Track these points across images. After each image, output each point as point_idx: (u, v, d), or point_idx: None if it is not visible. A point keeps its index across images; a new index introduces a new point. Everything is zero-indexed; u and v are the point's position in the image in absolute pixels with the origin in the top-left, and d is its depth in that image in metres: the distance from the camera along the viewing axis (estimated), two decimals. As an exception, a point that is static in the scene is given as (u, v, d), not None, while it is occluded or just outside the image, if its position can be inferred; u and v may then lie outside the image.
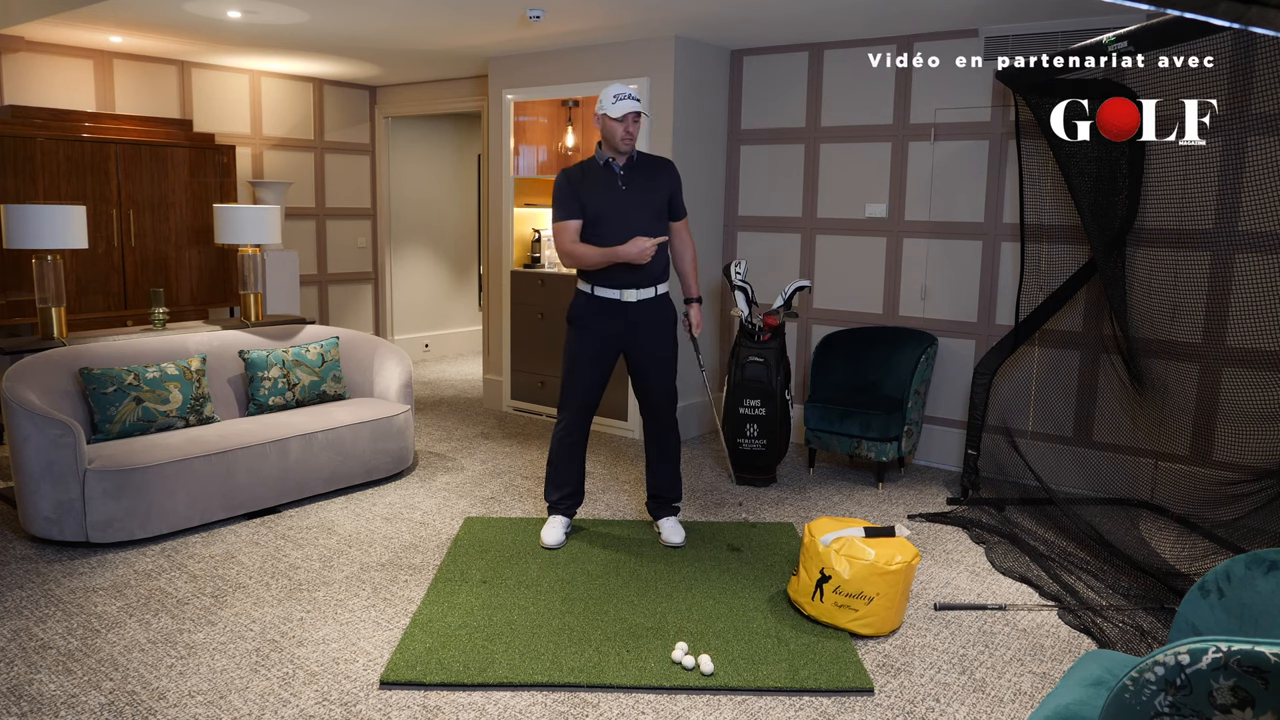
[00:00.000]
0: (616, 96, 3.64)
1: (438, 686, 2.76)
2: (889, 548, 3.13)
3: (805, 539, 3.27)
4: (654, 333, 3.81)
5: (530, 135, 6.22)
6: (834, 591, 3.11)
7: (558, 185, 3.75)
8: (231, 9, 4.84)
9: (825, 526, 3.26)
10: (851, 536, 3.17)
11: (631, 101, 3.63)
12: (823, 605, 3.15)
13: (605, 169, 3.75)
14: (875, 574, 3.06)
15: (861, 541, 3.14)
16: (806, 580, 3.22)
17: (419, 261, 8.35)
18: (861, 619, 3.10)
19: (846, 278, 5.53)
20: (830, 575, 3.12)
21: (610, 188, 3.72)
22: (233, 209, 5.14)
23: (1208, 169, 4.13)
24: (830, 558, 3.13)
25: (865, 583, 3.07)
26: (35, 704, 2.63)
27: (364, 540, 3.95)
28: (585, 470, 4.00)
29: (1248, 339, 4.08)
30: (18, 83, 5.70)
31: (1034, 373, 4.86)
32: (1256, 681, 1.32)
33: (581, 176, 3.75)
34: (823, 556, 3.15)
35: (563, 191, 3.73)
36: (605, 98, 3.65)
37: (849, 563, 3.09)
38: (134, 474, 3.77)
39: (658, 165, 3.87)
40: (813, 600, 3.18)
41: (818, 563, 3.16)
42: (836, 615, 3.13)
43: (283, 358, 4.73)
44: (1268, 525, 3.60)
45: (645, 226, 3.71)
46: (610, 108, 3.63)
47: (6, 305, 5.29)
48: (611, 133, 3.66)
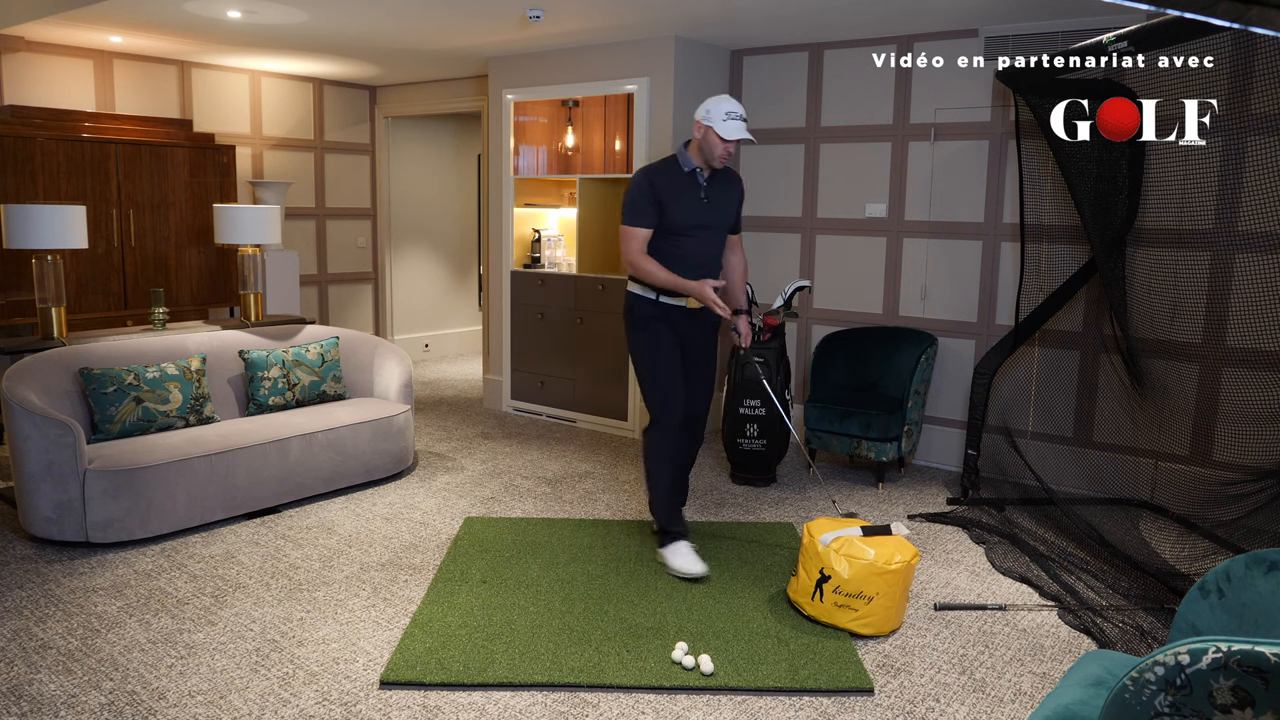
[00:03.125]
0: (729, 115, 3.42)
1: (438, 686, 2.76)
2: (888, 547, 3.13)
3: (804, 539, 3.27)
4: (706, 342, 3.76)
5: (530, 135, 6.22)
6: (834, 591, 3.11)
7: (638, 185, 3.52)
8: (231, 9, 4.84)
9: (824, 526, 3.26)
10: (850, 536, 3.16)
11: (743, 126, 3.43)
12: (822, 605, 3.15)
13: (690, 177, 3.56)
14: (875, 574, 3.06)
15: (861, 541, 3.14)
16: (806, 580, 3.21)
17: (419, 261, 8.35)
18: (861, 619, 3.10)
19: (846, 278, 5.53)
20: (830, 575, 3.11)
21: (693, 198, 3.55)
22: (233, 209, 5.14)
23: (1208, 169, 4.13)
24: (830, 557, 3.13)
25: (865, 582, 3.07)
26: (35, 704, 2.63)
27: (364, 540, 3.95)
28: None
29: (1248, 339, 4.07)
30: (18, 83, 5.70)
31: (1034, 373, 4.86)
32: (1256, 681, 1.32)
33: (666, 181, 3.53)
34: (822, 556, 3.15)
35: (644, 195, 3.50)
36: (716, 111, 3.43)
37: (848, 562, 3.09)
38: (134, 474, 3.77)
39: (731, 179, 3.71)
40: (813, 600, 3.18)
41: (817, 563, 3.16)
42: (836, 615, 3.13)
43: (283, 358, 4.73)
44: (1268, 525, 3.59)
45: (716, 242, 3.63)
46: (721, 126, 3.42)
47: (6, 305, 5.29)
48: (711, 147, 3.47)
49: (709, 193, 3.59)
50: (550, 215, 6.59)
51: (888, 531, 3.24)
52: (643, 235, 3.51)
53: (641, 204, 3.50)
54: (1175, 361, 4.27)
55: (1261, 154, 3.75)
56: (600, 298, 5.84)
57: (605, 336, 5.84)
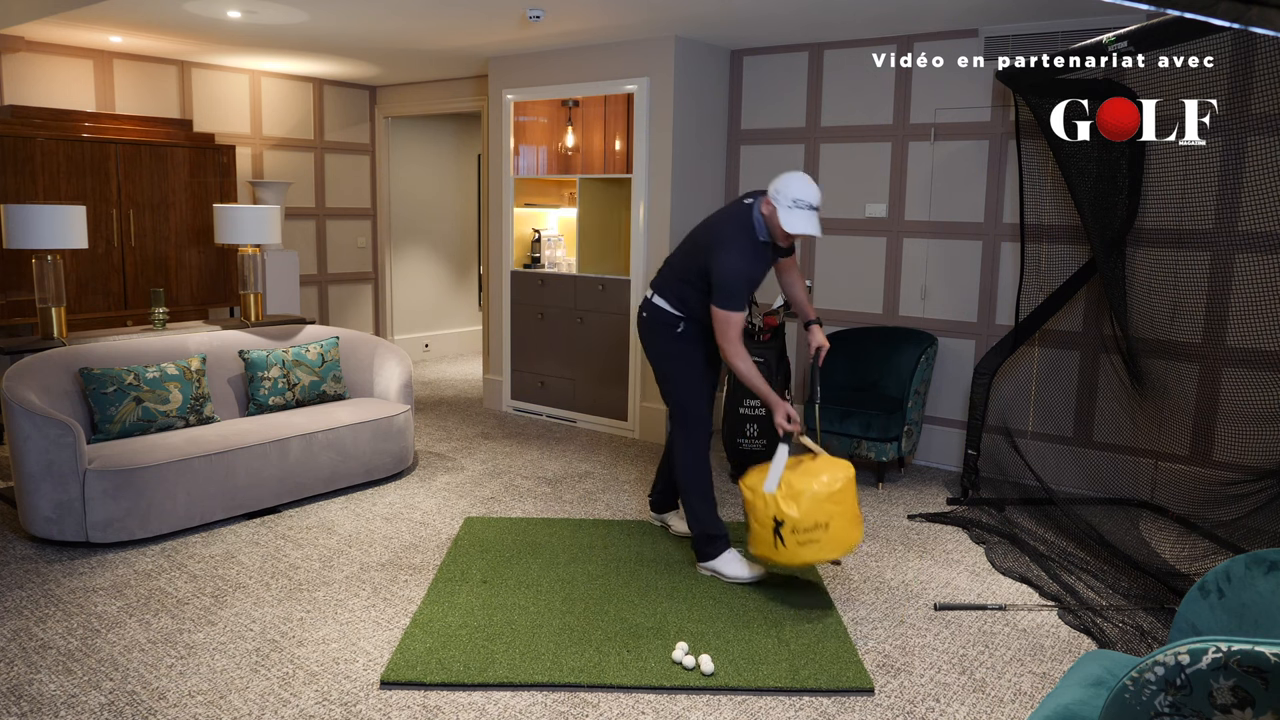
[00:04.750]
0: (796, 203, 3.32)
1: (438, 686, 2.76)
2: (822, 471, 3.23)
3: (746, 495, 3.32)
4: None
5: (530, 135, 6.22)
6: (792, 533, 3.18)
7: (739, 271, 3.41)
8: (231, 9, 4.84)
9: (759, 478, 3.33)
10: (788, 477, 3.24)
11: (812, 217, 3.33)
12: (788, 550, 3.21)
13: (764, 248, 3.52)
14: (822, 501, 3.16)
15: (798, 479, 3.22)
16: (763, 532, 3.26)
17: (419, 261, 8.35)
18: (826, 547, 3.19)
19: (846, 278, 5.53)
20: (784, 520, 3.18)
21: (766, 268, 3.58)
22: (233, 209, 5.14)
23: (1208, 169, 4.13)
24: (779, 504, 3.20)
25: (817, 513, 3.16)
26: (35, 704, 2.63)
27: (364, 540, 3.95)
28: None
29: (1248, 339, 4.07)
30: (18, 83, 5.70)
31: (1034, 373, 4.86)
32: (1256, 681, 1.32)
33: (755, 263, 3.49)
34: (771, 504, 3.21)
35: (746, 281, 3.45)
36: (784, 194, 3.33)
37: (795, 503, 3.16)
38: (134, 474, 3.77)
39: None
40: (777, 549, 3.23)
41: (769, 512, 3.22)
42: (804, 553, 3.20)
43: (283, 358, 4.73)
44: (1268, 525, 3.59)
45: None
46: (786, 215, 3.33)
47: (6, 305, 5.29)
48: (774, 230, 3.43)
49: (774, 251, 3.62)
50: (550, 215, 6.59)
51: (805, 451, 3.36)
52: (742, 321, 3.46)
53: (743, 288, 3.44)
54: (1175, 361, 4.28)
55: (1261, 154, 3.76)
56: (600, 298, 5.84)
57: (605, 336, 5.84)
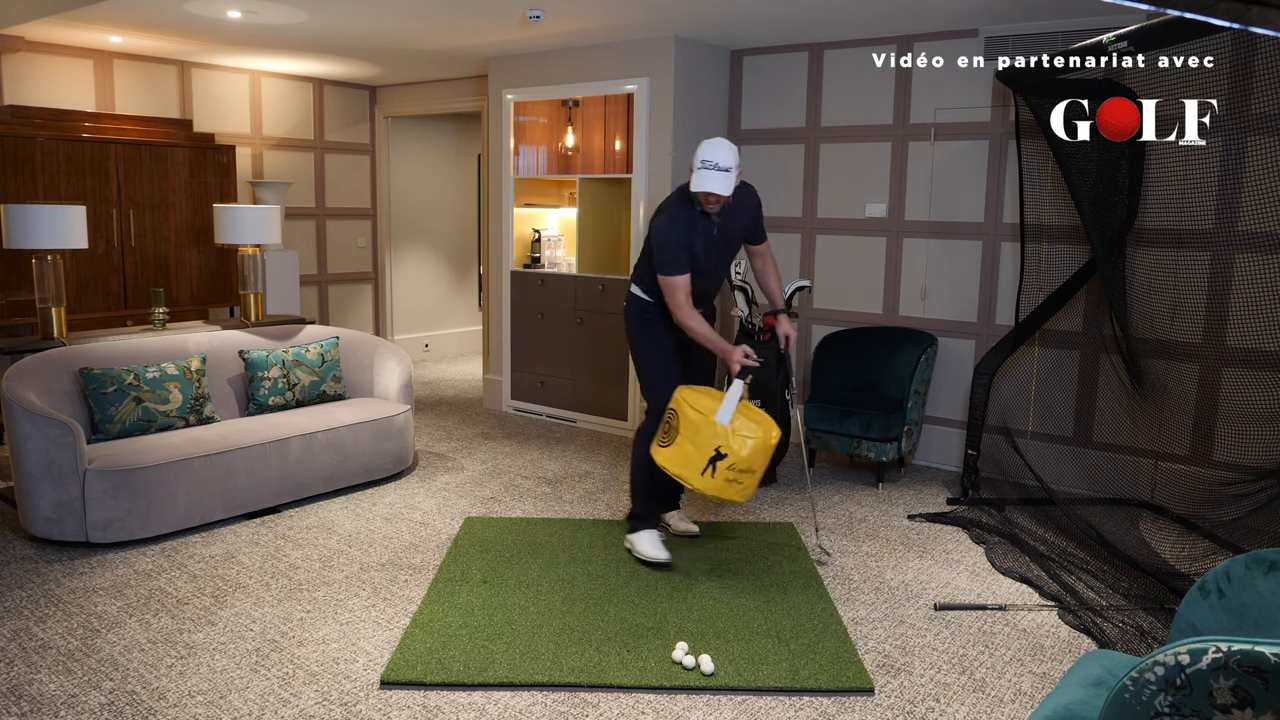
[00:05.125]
0: (704, 164, 3.34)
1: (438, 686, 2.76)
2: (763, 422, 3.32)
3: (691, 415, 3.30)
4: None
5: (530, 135, 6.22)
6: (727, 469, 3.21)
7: (667, 235, 3.48)
8: (231, 9, 4.84)
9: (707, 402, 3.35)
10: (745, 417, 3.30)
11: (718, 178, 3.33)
12: (714, 480, 3.25)
13: (703, 218, 3.54)
14: (762, 449, 3.25)
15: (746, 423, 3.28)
16: (696, 455, 3.25)
17: (419, 261, 8.35)
18: (744, 490, 3.30)
19: (846, 278, 5.53)
20: (726, 454, 3.21)
21: (707, 234, 3.57)
22: (233, 209, 5.14)
23: (1208, 169, 4.13)
24: (729, 437, 3.22)
25: (755, 459, 3.25)
26: (35, 704, 2.63)
27: (364, 540, 3.95)
28: None
29: (1248, 339, 4.07)
30: (18, 83, 5.70)
31: (1034, 373, 4.86)
32: (1256, 681, 1.32)
33: (688, 228, 3.52)
34: (721, 435, 3.23)
35: (673, 243, 3.48)
36: (696, 158, 3.39)
37: (744, 442, 3.21)
38: (134, 474, 3.77)
39: (741, 198, 3.63)
40: (703, 475, 3.25)
41: (714, 440, 3.23)
42: (726, 489, 3.26)
43: (283, 358, 4.73)
44: (1268, 525, 3.59)
45: (725, 265, 3.73)
46: (694, 178, 3.38)
47: (6, 305, 5.29)
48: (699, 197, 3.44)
49: (720, 226, 3.60)
50: (550, 215, 6.59)
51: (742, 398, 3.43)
52: (685, 284, 3.50)
53: (674, 252, 3.49)
54: (1175, 361, 4.28)
55: (1261, 154, 3.75)
56: (600, 298, 5.84)
57: (605, 336, 5.84)
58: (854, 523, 4.31)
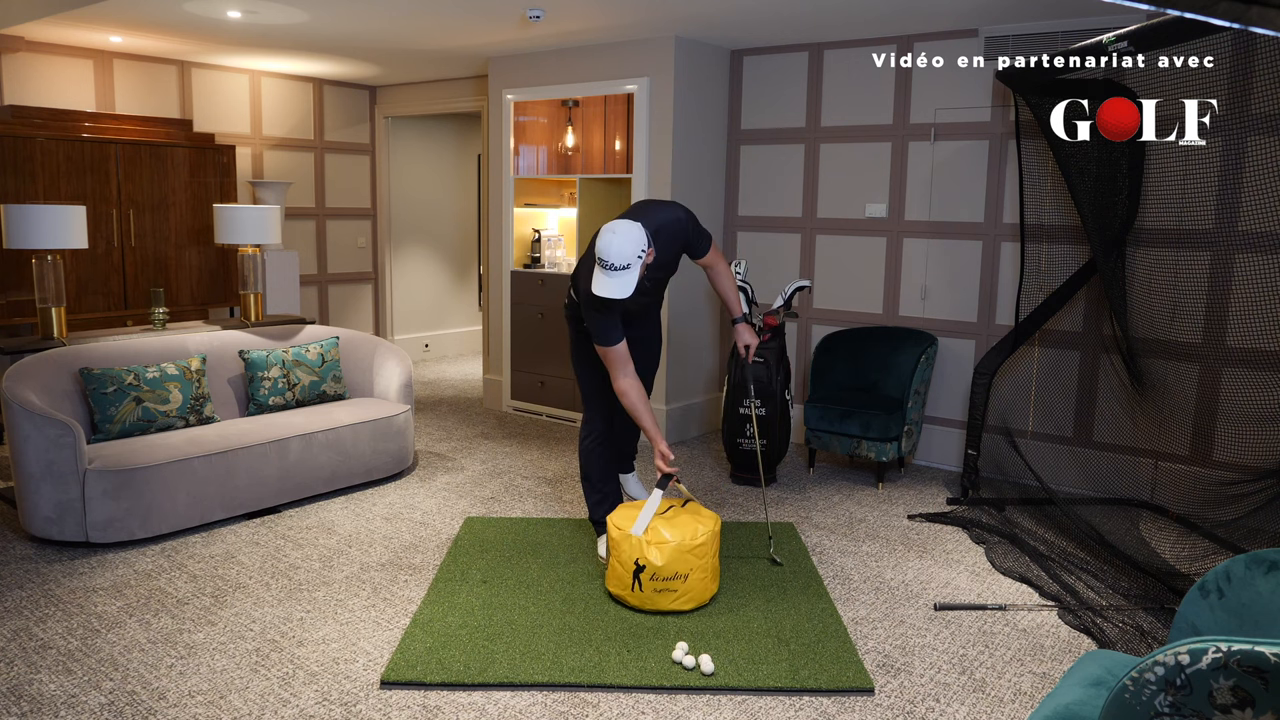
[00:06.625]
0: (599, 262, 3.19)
1: (438, 686, 2.76)
2: (691, 523, 3.26)
3: (613, 534, 3.30)
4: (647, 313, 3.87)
5: (530, 135, 6.22)
6: (650, 579, 3.19)
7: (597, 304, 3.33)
8: (231, 9, 4.84)
9: (628, 516, 3.33)
10: (656, 523, 3.26)
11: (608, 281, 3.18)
12: (644, 594, 3.23)
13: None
14: (684, 553, 3.19)
15: (666, 526, 3.24)
16: (622, 572, 3.26)
17: (419, 261, 8.35)
18: (681, 597, 3.23)
19: (846, 278, 5.53)
20: (645, 565, 3.19)
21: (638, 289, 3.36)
22: (233, 209, 5.14)
23: (1208, 169, 4.13)
24: (643, 548, 3.20)
25: (678, 564, 3.19)
26: (35, 704, 2.63)
27: (364, 540, 3.95)
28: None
29: (1248, 339, 4.07)
30: (18, 83, 5.70)
31: (1034, 373, 4.86)
32: (1256, 681, 1.32)
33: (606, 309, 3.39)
34: (636, 547, 3.22)
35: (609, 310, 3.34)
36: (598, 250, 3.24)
37: (658, 550, 3.18)
38: (134, 474, 3.77)
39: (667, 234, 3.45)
40: (633, 591, 3.24)
41: (631, 554, 3.22)
42: (659, 600, 3.22)
43: (283, 358, 4.73)
44: (1268, 525, 3.59)
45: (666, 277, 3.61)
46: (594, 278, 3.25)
47: (6, 305, 5.29)
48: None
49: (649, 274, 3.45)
50: (550, 215, 6.59)
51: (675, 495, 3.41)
52: (623, 350, 3.40)
53: (611, 321, 3.36)
54: (1175, 361, 4.27)
55: (1261, 154, 3.75)
56: (600, 298, 5.83)
57: (605, 336, 5.83)
58: (854, 523, 4.31)
